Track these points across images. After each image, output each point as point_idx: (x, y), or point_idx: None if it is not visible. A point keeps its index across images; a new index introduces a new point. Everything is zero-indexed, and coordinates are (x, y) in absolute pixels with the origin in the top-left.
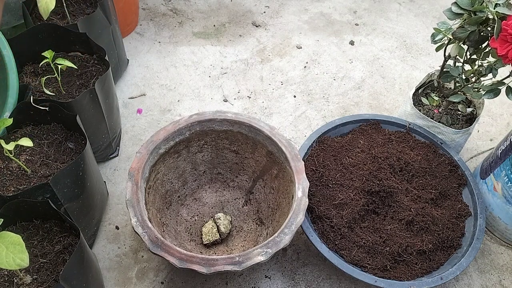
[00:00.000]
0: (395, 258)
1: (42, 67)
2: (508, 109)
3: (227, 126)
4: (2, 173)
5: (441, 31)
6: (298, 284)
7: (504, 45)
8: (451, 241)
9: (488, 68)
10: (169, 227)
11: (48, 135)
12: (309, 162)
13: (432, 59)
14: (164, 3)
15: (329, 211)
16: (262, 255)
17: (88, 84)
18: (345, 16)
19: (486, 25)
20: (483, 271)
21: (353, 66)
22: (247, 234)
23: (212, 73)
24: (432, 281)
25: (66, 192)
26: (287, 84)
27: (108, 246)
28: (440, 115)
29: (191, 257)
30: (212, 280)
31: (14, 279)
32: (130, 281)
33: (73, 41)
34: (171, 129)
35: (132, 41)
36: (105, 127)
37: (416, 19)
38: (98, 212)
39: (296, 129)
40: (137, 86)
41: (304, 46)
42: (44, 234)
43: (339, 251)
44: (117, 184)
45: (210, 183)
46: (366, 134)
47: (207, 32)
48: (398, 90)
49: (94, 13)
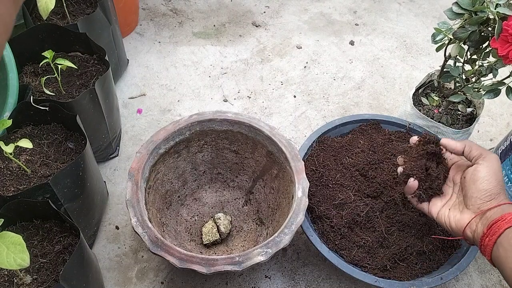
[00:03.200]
0: (395, 258)
1: (42, 67)
2: (508, 109)
3: (227, 126)
4: (2, 173)
5: (442, 31)
6: (298, 284)
7: (505, 46)
8: (451, 241)
9: (489, 68)
10: (169, 227)
11: (48, 135)
12: (309, 162)
13: (432, 59)
14: (164, 3)
15: (329, 211)
16: (262, 255)
17: (88, 84)
18: (345, 16)
19: (487, 25)
20: (483, 271)
21: (353, 66)
22: (247, 234)
23: (212, 73)
24: (432, 281)
25: (66, 192)
26: (287, 84)
27: (108, 246)
28: (440, 115)
29: (191, 257)
30: (212, 280)
31: (14, 279)
32: (130, 281)
33: (73, 41)
34: (171, 129)
35: (132, 41)
36: (105, 127)
37: (416, 19)
38: (98, 212)
39: (296, 129)
40: (137, 86)
41: (304, 46)
42: (44, 234)
43: (339, 251)
44: (117, 184)
45: (210, 183)
46: (366, 134)
47: (207, 32)
48: (398, 90)
49: (94, 13)
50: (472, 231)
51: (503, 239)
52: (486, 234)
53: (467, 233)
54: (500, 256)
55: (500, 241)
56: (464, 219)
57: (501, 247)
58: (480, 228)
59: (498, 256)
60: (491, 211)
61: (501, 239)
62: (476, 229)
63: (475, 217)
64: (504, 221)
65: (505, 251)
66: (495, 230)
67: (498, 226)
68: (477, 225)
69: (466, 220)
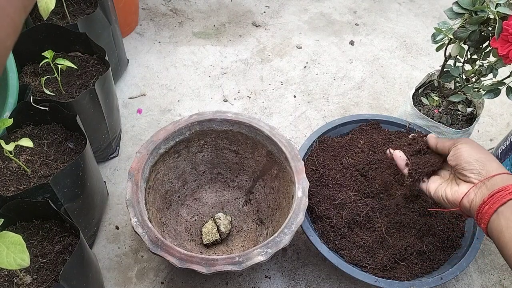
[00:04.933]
0: (395, 258)
1: (42, 67)
2: (508, 109)
3: (227, 126)
4: (2, 173)
5: (442, 31)
6: (298, 284)
7: (505, 45)
8: (451, 241)
9: (489, 68)
10: (169, 227)
11: (48, 135)
12: (309, 162)
13: (432, 59)
14: (164, 3)
15: (329, 211)
16: (262, 255)
17: (88, 84)
18: (345, 16)
19: (487, 25)
20: (483, 271)
21: (353, 66)
22: (247, 234)
23: (212, 73)
24: (432, 281)
25: (66, 192)
26: (287, 84)
27: (108, 246)
28: (440, 115)
29: (191, 257)
30: (212, 280)
31: (14, 279)
32: (130, 281)
33: (73, 41)
34: (171, 129)
35: (132, 41)
36: (105, 127)
37: (416, 19)
38: (98, 212)
39: (296, 129)
40: (137, 86)
41: (304, 46)
42: (44, 234)
43: (339, 251)
44: (117, 184)
45: (210, 183)
46: (366, 134)
47: (207, 32)
48: (398, 90)
49: (94, 13)
50: (469, 200)
51: (506, 209)
52: (487, 202)
53: (464, 202)
54: (500, 225)
55: (501, 210)
56: (463, 189)
57: (502, 216)
58: (479, 196)
59: (497, 225)
60: (491, 180)
61: (503, 209)
62: (475, 197)
63: (474, 187)
64: (508, 192)
65: (506, 221)
66: (497, 198)
67: (501, 195)
68: (476, 194)
69: (464, 190)
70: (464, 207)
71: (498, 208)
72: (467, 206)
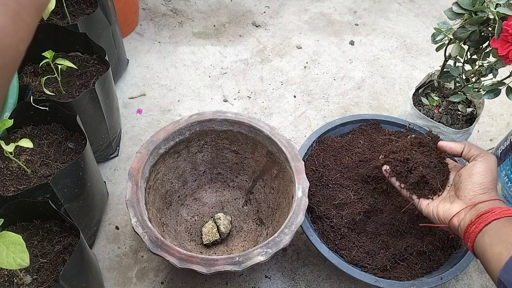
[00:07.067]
0: (395, 258)
1: (42, 67)
2: (508, 109)
3: (227, 126)
4: (2, 173)
5: (442, 31)
6: (298, 284)
7: (505, 46)
8: (451, 241)
9: (489, 68)
10: (169, 227)
11: (48, 135)
12: (309, 162)
13: (432, 59)
14: (164, 3)
15: (329, 211)
16: (262, 255)
17: (88, 84)
18: (345, 16)
19: (487, 25)
20: (483, 271)
21: (353, 66)
22: (247, 234)
23: (212, 73)
24: (432, 281)
25: (66, 192)
26: (287, 84)
27: (108, 246)
28: (440, 115)
29: (191, 257)
30: (212, 280)
31: (14, 279)
32: (130, 281)
33: (73, 41)
34: (171, 129)
35: (132, 41)
36: (105, 127)
37: (416, 19)
38: (98, 212)
39: (296, 129)
40: (137, 86)
41: (304, 46)
42: (44, 234)
43: (339, 251)
44: (117, 184)
45: (210, 183)
46: (366, 134)
47: (207, 32)
48: (398, 90)
49: (94, 13)
50: (459, 219)
51: (490, 228)
52: (474, 222)
53: (453, 221)
54: (484, 243)
55: (486, 229)
56: (454, 208)
57: (486, 235)
58: (468, 217)
59: (482, 243)
60: (482, 204)
61: (488, 228)
62: (464, 218)
63: (465, 208)
64: (493, 213)
65: (490, 238)
66: (483, 219)
67: (487, 216)
68: (466, 215)
69: (456, 209)
70: (453, 226)
71: (483, 228)
72: (456, 225)
